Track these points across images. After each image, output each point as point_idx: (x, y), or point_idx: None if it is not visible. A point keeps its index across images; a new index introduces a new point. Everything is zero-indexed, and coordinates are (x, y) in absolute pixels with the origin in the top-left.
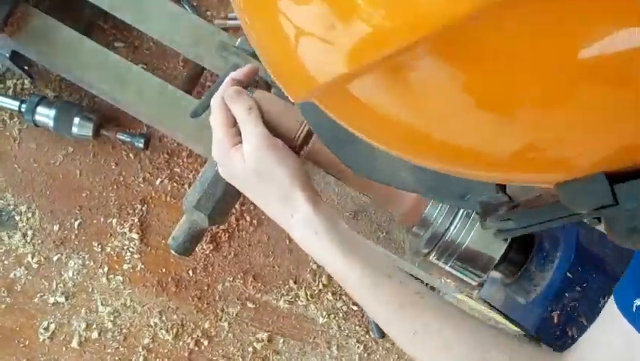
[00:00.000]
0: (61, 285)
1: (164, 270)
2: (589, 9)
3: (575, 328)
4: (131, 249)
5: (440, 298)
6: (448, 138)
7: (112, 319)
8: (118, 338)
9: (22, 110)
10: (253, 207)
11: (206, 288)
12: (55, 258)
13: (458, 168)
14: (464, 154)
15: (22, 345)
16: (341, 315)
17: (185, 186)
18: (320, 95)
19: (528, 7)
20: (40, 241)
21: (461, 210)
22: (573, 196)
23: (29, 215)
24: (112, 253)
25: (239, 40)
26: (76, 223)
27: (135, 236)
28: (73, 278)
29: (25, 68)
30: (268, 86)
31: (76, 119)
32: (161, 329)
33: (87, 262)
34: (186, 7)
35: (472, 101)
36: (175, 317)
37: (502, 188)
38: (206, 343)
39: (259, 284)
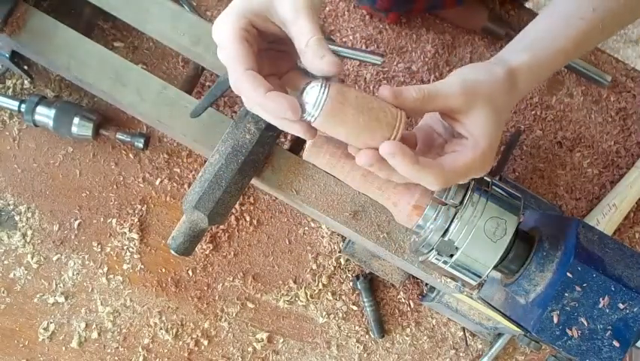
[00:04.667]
0: (61, 285)
1: (163, 270)
2: None
3: (575, 328)
4: (130, 249)
5: None
6: None
7: (112, 319)
8: (117, 338)
9: (22, 110)
10: (253, 208)
11: (205, 288)
12: (54, 258)
13: None
14: None
15: (21, 345)
16: (341, 315)
17: (185, 186)
18: None
19: None
20: (39, 241)
21: (461, 211)
22: None
23: (29, 215)
24: (112, 253)
25: None
26: (76, 223)
27: (135, 236)
28: (72, 278)
29: (25, 68)
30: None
31: (76, 119)
32: (161, 329)
33: (87, 262)
34: (185, 6)
35: None
36: (175, 317)
37: None
38: (205, 343)
39: (259, 284)
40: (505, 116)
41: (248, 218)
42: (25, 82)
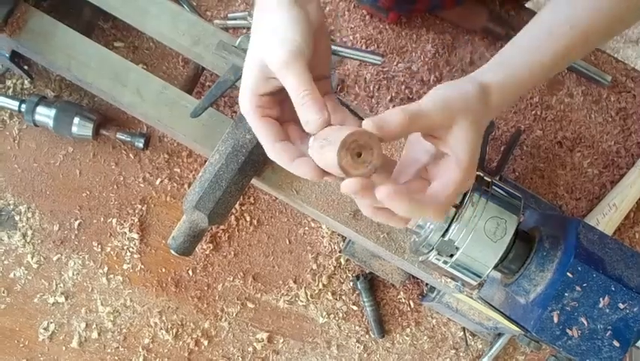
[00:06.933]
0: (61, 285)
1: (164, 270)
2: None
3: (575, 328)
4: (130, 249)
5: None
6: None
7: (112, 319)
8: (118, 338)
9: (22, 110)
10: (253, 207)
11: (206, 288)
12: (55, 258)
13: None
14: None
15: (21, 345)
16: (341, 315)
17: (185, 186)
18: None
19: None
20: (39, 241)
21: (461, 211)
22: None
23: (29, 215)
24: (112, 253)
25: (239, 40)
26: (76, 223)
27: (135, 236)
28: (73, 278)
29: (25, 68)
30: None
31: (76, 119)
32: (161, 329)
33: (87, 262)
34: (185, 7)
35: None
36: (175, 317)
37: None
38: (206, 343)
39: (259, 284)
40: (482, 129)
41: (248, 218)
42: (26, 82)
